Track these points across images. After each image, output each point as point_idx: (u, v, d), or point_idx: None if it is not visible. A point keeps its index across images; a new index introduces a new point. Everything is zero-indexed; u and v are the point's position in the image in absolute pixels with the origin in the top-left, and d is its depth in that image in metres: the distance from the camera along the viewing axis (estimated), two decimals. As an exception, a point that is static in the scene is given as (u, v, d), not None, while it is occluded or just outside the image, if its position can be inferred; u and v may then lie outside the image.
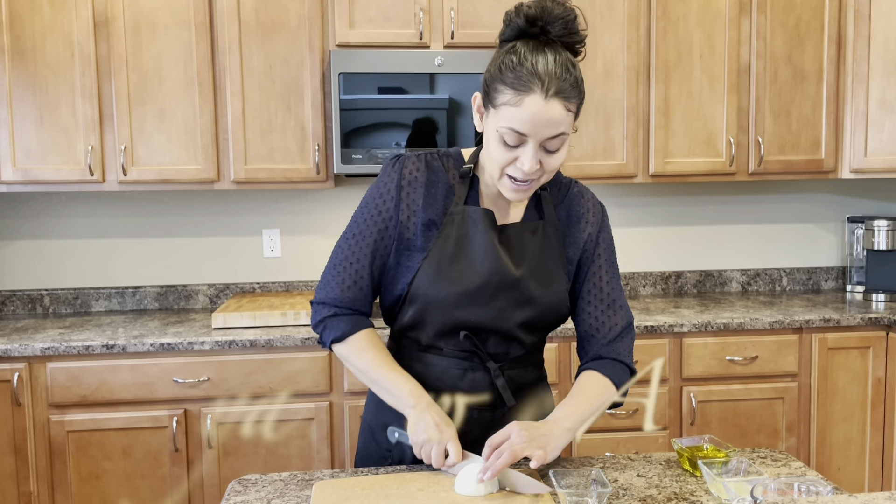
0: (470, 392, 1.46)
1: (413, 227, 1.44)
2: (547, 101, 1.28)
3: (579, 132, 3.01)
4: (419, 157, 1.48)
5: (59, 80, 2.79)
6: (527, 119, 1.28)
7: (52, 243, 3.20)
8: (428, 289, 1.42)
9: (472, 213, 1.44)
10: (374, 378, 1.44)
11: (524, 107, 1.28)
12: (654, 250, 3.50)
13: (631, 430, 2.82)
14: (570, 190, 1.53)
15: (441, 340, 1.46)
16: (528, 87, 1.28)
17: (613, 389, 1.48)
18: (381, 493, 1.32)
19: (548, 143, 1.32)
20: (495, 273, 1.41)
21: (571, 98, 1.31)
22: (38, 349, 2.56)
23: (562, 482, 1.30)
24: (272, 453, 2.69)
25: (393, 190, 1.45)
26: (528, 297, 1.43)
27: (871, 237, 3.31)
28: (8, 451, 2.59)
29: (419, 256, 1.43)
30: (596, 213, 1.53)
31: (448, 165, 1.48)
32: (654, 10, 3.02)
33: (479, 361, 1.46)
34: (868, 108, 3.07)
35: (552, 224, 1.48)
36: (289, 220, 3.29)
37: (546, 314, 1.46)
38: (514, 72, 1.30)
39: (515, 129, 1.29)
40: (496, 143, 1.33)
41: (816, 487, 1.17)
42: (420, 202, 1.44)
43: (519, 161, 1.32)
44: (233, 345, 2.64)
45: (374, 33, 2.89)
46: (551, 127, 1.29)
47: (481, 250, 1.42)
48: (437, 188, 1.45)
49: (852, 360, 2.93)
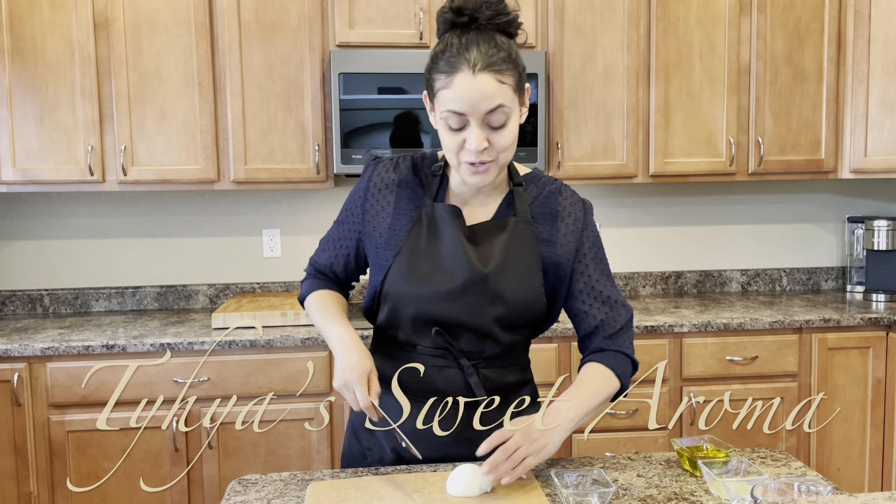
0: (444, 389, 1.46)
1: (383, 227, 1.49)
2: (475, 76, 1.31)
3: (579, 132, 3.02)
4: (392, 159, 1.53)
5: (59, 80, 2.79)
6: (460, 97, 1.32)
7: (52, 243, 3.20)
8: (399, 286, 1.44)
9: (441, 210, 1.46)
10: (319, 328, 1.53)
11: (455, 86, 1.32)
12: (654, 250, 3.50)
13: (631, 430, 2.82)
14: (547, 187, 1.53)
15: (415, 337, 1.47)
16: (457, 67, 1.32)
17: (616, 380, 1.48)
18: (376, 494, 1.32)
19: (489, 118, 1.33)
20: (464, 270, 1.42)
21: (504, 70, 1.33)
22: (38, 349, 2.56)
23: (563, 482, 1.30)
24: (272, 453, 2.69)
25: (361, 193, 1.53)
26: (499, 293, 1.43)
27: (871, 237, 3.31)
28: (8, 451, 2.59)
29: (390, 254, 1.47)
30: (576, 212, 1.52)
31: (421, 166, 1.53)
32: (654, 11, 3.02)
33: (453, 359, 1.46)
34: (868, 108, 3.07)
35: (525, 221, 1.48)
36: (289, 220, 3.29)
37: (519, 311, 1.46)
38: (444, 57, 1.34)
39: (452, 109, 1.33)
40: (444, 130, 1.37)
41: (816, 487, 1.17)
42: (389, 204, 1.49)
43: (466, 142, 1.35)
44: (233, 345, 2.64)
45: (374, 33, 2.89)
46: (485, 101, 1.32)
47: (450, 247, 1.43)
48: (407, 189, 1.50)
49: (852, 360, 2.93)
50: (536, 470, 1.45)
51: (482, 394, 1.45)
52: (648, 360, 2.81)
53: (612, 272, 3.44)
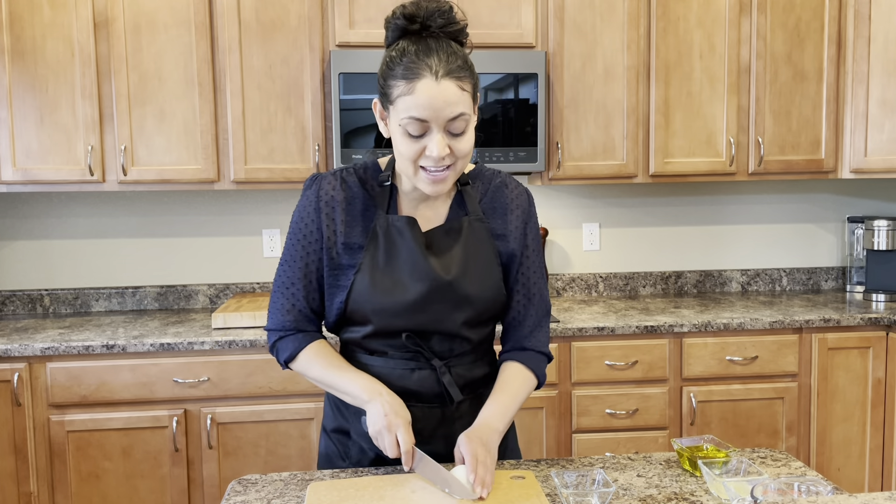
0: (418, 389, 1.47)
1: (337, 246, 1.46)
2: (439, 83, 1.30)
3: (579, 132, 3.02)
4: (335, 174, 1.49)
5: (59, 80, 2.79)
6: (423, 104, 1.30)
7: (52, 243, 3.20)
8: (364, 304, 1.43)
9: (396, 223, 1.45)
10: (329, 384, 1.47)
11: (418, 92, 1.30)
12: (654, 250, 3.50)
13: (631, 430, 2.82)
14: (493, 181, 1.54)
15: (385, 345, 1.47)
16: (418, 73, 1.30)
17: (535, 379, 1.52)
18: (376, 494, 1.32)
19: (450, 125, 1.33)
20: (427, 280, 1.42)
21: (463, 77, 1.33)
22: (38, 349, 2.56)
23: (563, 482, 1.30)
24: (272, 453, 2.69)
25: (312, 213, 1.47)
26: (465, 297, 1.44)
27: (871, 237, 3.31)
28: (8, 451, 2.59)
29: (350, 273, 1.45)
30: (521, 204, 1.54)
31: (366, 178, 1.49)
32: (654, 10, 3.02)
33: (425, 360, 1.47)
34: (868, 108, 3.07)
35: (478, 219, 1.49)
36: (289, 220, 3.29)
37: (485, 308, 1.47)
38: (402, 63, 1.32)
39: (415, 116, 1.31)
40: (402, 137, 1.35)
41: (816, 487, 1.17)
42: (340, 222, 1.46)
43: (427, 149, 1.33)
44: (233, 345, 2.64)
45: (375, 33, 2.89)
46: (449, 107, 1.31)
47: (410, 260, 1.43)
48: (356, 204, 1.47)
49: (852, 360, 2.93)
50: (536, 470, 1.45)
51: (455, 392, 1.46)
52: (649, 360, 2.81)
53: (612, 272, 3.46)
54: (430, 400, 1.48)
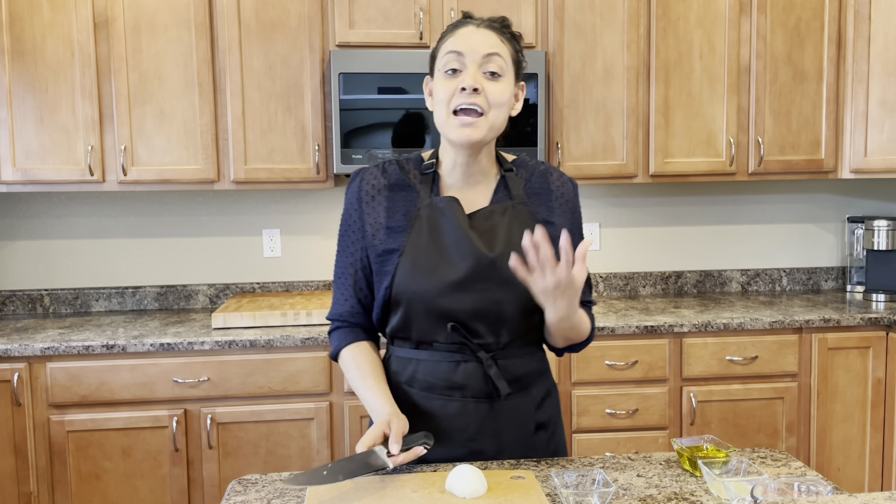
0: (465, 383, 1.46)
1: (380, 233, 1.48)
2: (478, 28, 1.43)
3: (579, 132, 3.02)
4: (377, 166, 1.54)
5: (59, 80, 2.79)
6: (460, 41, 1.41)
7: (52, 243, 3.20)
8: (408, 285, 1.44)
9: (439, 203, 1.47)
10: (358, 392, 1.50)
11: (458, 34, 1.43)
12: (654, 250, 3.50)
13: (631, 430, 2.82)
14: (537, 169, 1.56)
15: (430, 335, 1.47)
16: (462, 25, 1.45)
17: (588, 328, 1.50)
18: (376, 493, 1.32)
19: (486, 63, 1.41)
20: (470, 258, 1.42)
21: (504, 38, 1.44)
22: (38, 349, 2.56)
23: (563, 482, 1.30)
24: (272, 453, 2.69)
25: (355, 203, 1.52)
26: (508, 276, 1.40)
27: (871, 237, 3.31)
28: (8, 451, 2.59)
29: (394, 257, 1.46)
30: (567, 192, 1.55)
31: (408, 168, 1.53)
32: (654, 10, 3.02)
33: (471, 352, 1.46)
34: (868, 108, 3.07)
35: (521, 202, 1.50)
36: (289, 220, 3.29)
37: (529, 294, 1.42)
38: (449, 28, 1.47)
39: (452, 49, 1.41)
40: (440, 81, 1.43)
41: (816, 487, 1.17)
42: (383, 209, 1.49)
43: (461, 82, 1.39)
44: (233, 345, 2.64)
45: (374, 33, 2.89)
46: (485, 45, 1.41)
47: (453, 238, 1.44)
48: (398, 192, 1.50)
49: (852, 360, 2.93)
50: (536, 470, 1.45)
51: (503, 384, 1.45)
52: (649, 360, 2.81)
53: (612, 272, 3.46)
54: (476, 394, 1.47)
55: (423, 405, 1.48)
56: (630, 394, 2.82)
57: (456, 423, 1.47)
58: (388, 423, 1.37)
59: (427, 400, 1.48)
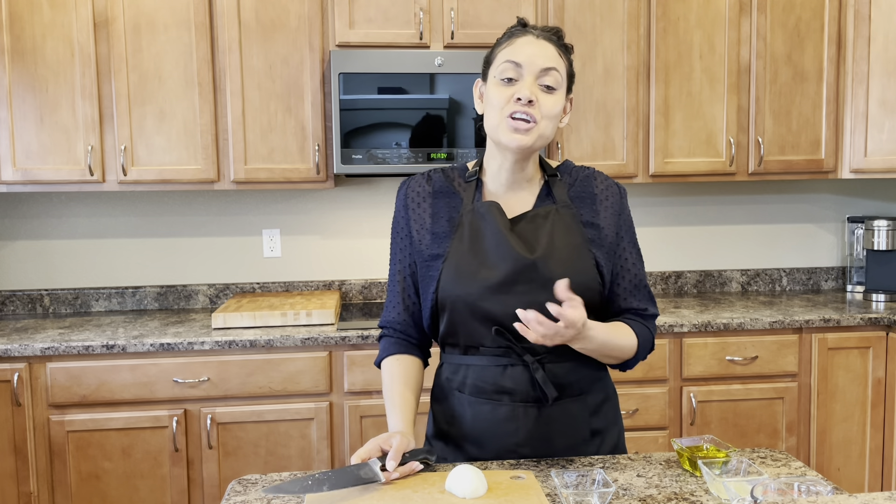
0: (513, 387, 1.46)
1: (426, 239, 1.51)
2: (538, 39, 1.44)
3: (579, 132, 3.02)
4: (423, 175, 1.58)
5: (59, 80, 2.79)
6: (520, 49, 1.42)
7: (52, 243, 3.20)
8: (452, 289, 1.45)
9: (480, 208, 1.48)
10: (386, 407, 1.53)
11: (517, 43, 1.44)
12: (653, 250, 3.50)
13: (631, 430, 2.82)
14: (581, 174, 1.56)
15: (477, 340, 1.47)
16: (519, 34, 1.45)
17: (635, 347, 1.48)
18: (376, 494, 1.32)
19: (542, 77, 1.42)
20: (510, 260, 1.42)
21: (560, 47, 1.45)
22: (38, 349, 2.56)
23: (563, 482, 1.30)
24: (272, 453, 2.69)
25: (402, 211, 1.56)
26: (549, 277, 1.40)
27: (871, 237, 3.31)
28: (8, 451, 2.59)
29: (439, 262, 1.48)
30: (612, 195, 1.54)
31: (453, 176, 1.56)
32: (654, 10, 3.02)
33: (517, 356, 1.45)
34: (868, 108, 3.07)
35: (565, 206, 1.50)
36: (289, 220, 3.29)
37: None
38: (506, 35, 1.48)
39: (511, 59, 1.42)
40: (496, 88, 1.43)
41: (816, 487, 1.17)
42: (428, 216, 1.52)
43: (516, 93, 1.40)
44: (233, 345, 2.64)
45: (374, 33, 2.89)
46: (544, 58, 1.42)
47: (493, 241, 1.45)
48: (442, 199, 1.53)
49: (852, 360, 2.93)
50: (536, 470, 1.45)
51: (550, 389, 1.43)
52: (649, 360, 2.81)
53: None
54: (525, 398, 1.46)
55: (474, 410, 1.48)
56: (630, 394, 2.82)
57: (505, 428, 1.47)
58: (388, 438, 1.37)
59: (477, 405, 1.48)
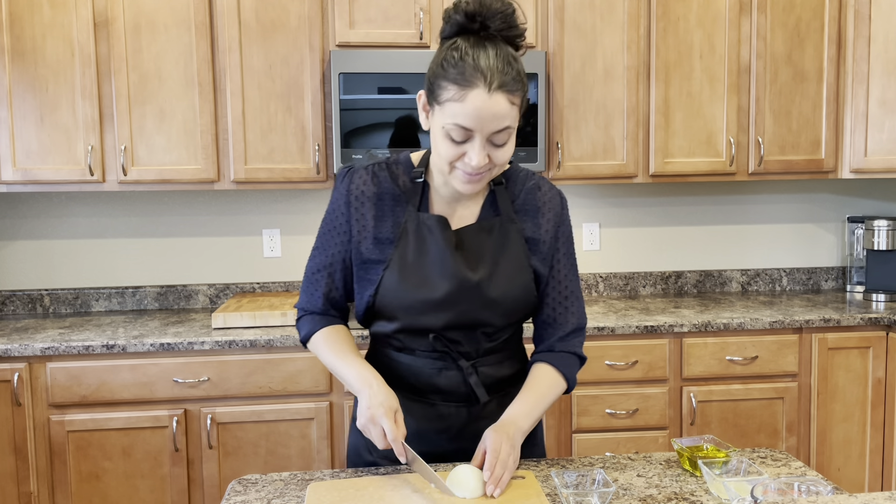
0: (446, 388, 1.48)
1: (367, 241, 1.47)
2: (491, 95, 1.28)
3: (579, 132, 3.02)
4: (367, 169, 1.50)
5: (59, 80, 2.79)
6: (471, 114, 1.29)
7: (52, 243, 3.20)
8: (392, 299, 1.44)
9: (427, 221, 1.45)
10: (334, 369, 1.49)
11: (468, 101, 1.28)
12: (654, 250, 3.50)
13: (631, 430, 2.82)
14: (526, 184, 1.53)
15: (412, 343, 1.48)
16: (471, 82, 1.28)
17: (564, 383, 1.51)
18: (376, 494, 1.32)
19: (494, 137, 1.32)
20: (454, 280, 1.42)
21: (515, 91, 1.31)
22: (38, 349, 2.56)
23: (563, 482, 1.30)
24: (272, 453, 2.69)
25: (343, 206, 1.49)
26: (491, 298, 1.44)
27: (871, 237, 3.31)
28: (8, 451, 2.59)
29: (379, 268, 1.46)
30: (554, 207, 1.52)
31: (397, 173, 1.50)
32: (654, 10, 3.02)
33: (452, 360, 1.48)
34: (868, 108, 3.07)
35: (509, 219, 1.49)
36: (289, 220, 3.29)
37: (513, 311, 1.48)
38: (457, 67, 1.30)
39: (461, 124, 1.30)
40: (443, 139, 1.33)
41: (816, 487, 1.17)
42: (370, 217, 1.47)
43: (467, 157, 1.33)
44: (233, 345, 2.64)
45: (374, 33, 2.89)
46: (496, 121, 1.30)
47: (438, 258, 1.43)
48: (386, 200, 1.48)
49: (852, 360, 2.93)
50: (536, 470, 1.45)
51: (482, 392, 1.47)
52: (649, 361, 2.81)
53: (613, 272, 3.46)
54: (457, 399, 1.49)
55: (405, 406, 1.50)
56: (630, 394, 2.82)
57: (438, 425, 1.50)
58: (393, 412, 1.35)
59: (409, 402, 1.50)
